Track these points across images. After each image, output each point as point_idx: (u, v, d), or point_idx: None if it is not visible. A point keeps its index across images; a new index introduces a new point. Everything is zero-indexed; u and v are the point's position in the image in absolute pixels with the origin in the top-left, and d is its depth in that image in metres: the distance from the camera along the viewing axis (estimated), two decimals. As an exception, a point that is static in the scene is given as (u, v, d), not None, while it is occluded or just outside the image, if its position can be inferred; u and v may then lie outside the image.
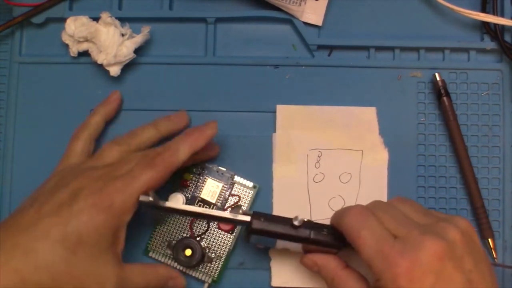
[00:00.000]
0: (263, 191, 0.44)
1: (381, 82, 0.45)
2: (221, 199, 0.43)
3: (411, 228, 0.34)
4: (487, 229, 0.43)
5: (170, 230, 0.43)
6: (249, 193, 0.44)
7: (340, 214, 0.37)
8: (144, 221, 0.44)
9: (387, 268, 0.33)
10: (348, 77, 0.45)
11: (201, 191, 0.44)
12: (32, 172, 0.45)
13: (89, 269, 0.35)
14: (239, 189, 0.44)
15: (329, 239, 0.38)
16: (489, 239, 0.43)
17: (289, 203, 0.43)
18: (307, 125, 0.44)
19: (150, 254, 0.43)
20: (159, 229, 0.43)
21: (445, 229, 0.34)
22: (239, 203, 0.43)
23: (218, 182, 0.44)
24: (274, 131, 0.44)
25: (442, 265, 0.32)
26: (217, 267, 0.43)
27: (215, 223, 0.43)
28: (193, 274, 0.43)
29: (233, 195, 0.44)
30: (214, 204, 0.43)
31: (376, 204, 0.37)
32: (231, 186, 0.44)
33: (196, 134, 0.40)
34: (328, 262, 0.38)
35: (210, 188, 0.43)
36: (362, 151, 0.44)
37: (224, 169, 0.44)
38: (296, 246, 0.39)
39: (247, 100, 0.45)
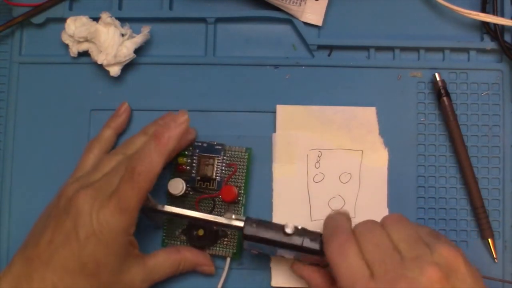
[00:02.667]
0: (263, 191, 0.44)
1: (381, 82, 0.45)
2: (219, 172, 0.43)
3: (388, 268, 0.33)
4: (487, 229, 0.43)
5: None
6: (244, 158, 0.44)
7: (325, 236, 0.37)
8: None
9: None
10: (348, 77, 0.45)
11: (198, 170, 0.44)
12: (32, 172, 0.45)
13: (115, 281, 0.37)
14: (233, 156, 0.44)
15: (323, 248, 0.37)
16: (489, 239, 0.43)
17: (289, 203, 0.43)
18: (307, 125, 0.44)
19: (168, 244, 0.43)
20: (169, 218, 0.43)
21: (422, 269, 0.33)
22: (237, 172, 0.43)
23: (212, 156, 0.44)
24: (274, 131, 0.44)
25: None
26: (234, 239, 0.43)
27: (220, 197, 0.43)
28: (213, 252, 0.43)
29: (229, 165, 0.44)
30: (214, 179, 0.43)
31: (364, 228, 0.36)
32: (225, 157, 0.44)
33: (166, 136, 0.38)
34: (314, 277, 0.39)
35: (206, 165, 0.43)
36: (362, 151, 0.44)
37: (214, 142, 0.44)
38: (291, 254, 0.39)
39: (247, 100, 0.45)
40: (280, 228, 0.38)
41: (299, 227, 0.38)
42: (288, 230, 0.38)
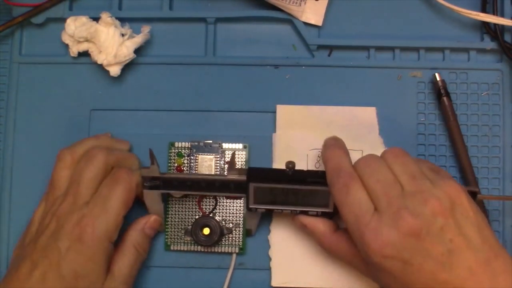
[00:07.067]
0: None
1: (381, 82, 0.45)
2: (218, 169, 0.44)
3: (391, 200, 0.34)
4: (487, 229, 0.43)
5: (181, 217, 0.44)
6: (242, 154, 0.44)
7: (329, 178, 0.38)
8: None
9: (362, 244, 0.34)
10: (348, 77, 0.45)
11: (197, 170, 0.44)
12: (32, 172, 0.45)
13: None
14: (231, 154, 0.44)
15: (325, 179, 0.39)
16: (489, 239, 0.43)
17: (289, 203, 0.43)
18: (307, 125, 0.44)
19: (171, 247, 0.43)
20: (171, 221, 0.44)
21: (425, 201, 0.33)
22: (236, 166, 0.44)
23: (209, 155, 0.44)
24: (274, 131, 0.44)
25: (416, 242, 0.32)
26: (239, 234, 0.43)
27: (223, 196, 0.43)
28: (219, 250, 0.43)
29: (228, 162, 0.44)
30: None
31: (365, 164, 0.37)
32: (222, 155, 0.44)
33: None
34: (317, 225, 0.39)
35: (204, 164, 0.44)
36: (362, 151, 0.44)
37: (211, 141, 0.44)
38: (298, 205, 0.40)
39: (247, 100, 0.45)
40: (282, 169, 0.40)
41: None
42: (290, 165, 0.39)
